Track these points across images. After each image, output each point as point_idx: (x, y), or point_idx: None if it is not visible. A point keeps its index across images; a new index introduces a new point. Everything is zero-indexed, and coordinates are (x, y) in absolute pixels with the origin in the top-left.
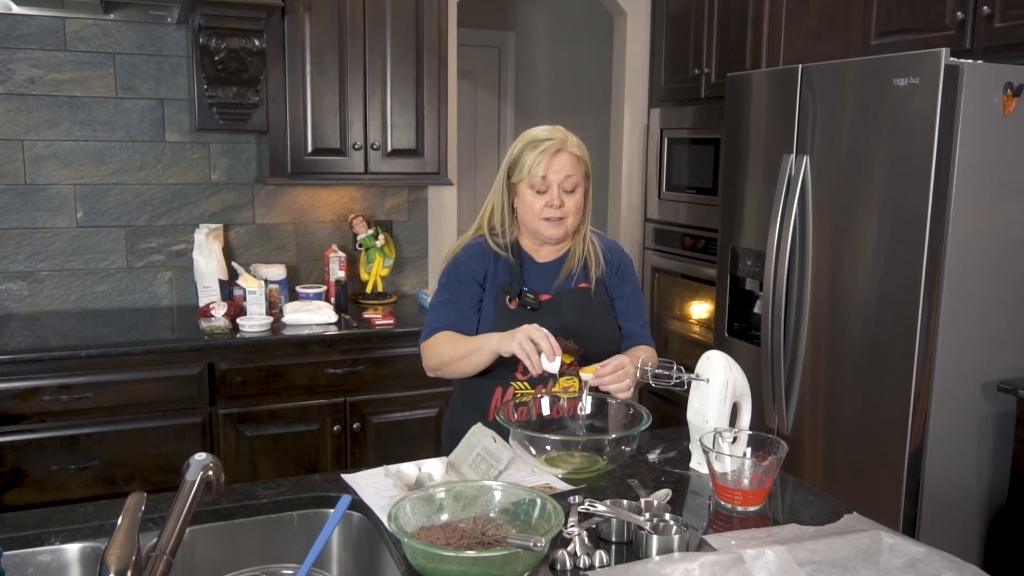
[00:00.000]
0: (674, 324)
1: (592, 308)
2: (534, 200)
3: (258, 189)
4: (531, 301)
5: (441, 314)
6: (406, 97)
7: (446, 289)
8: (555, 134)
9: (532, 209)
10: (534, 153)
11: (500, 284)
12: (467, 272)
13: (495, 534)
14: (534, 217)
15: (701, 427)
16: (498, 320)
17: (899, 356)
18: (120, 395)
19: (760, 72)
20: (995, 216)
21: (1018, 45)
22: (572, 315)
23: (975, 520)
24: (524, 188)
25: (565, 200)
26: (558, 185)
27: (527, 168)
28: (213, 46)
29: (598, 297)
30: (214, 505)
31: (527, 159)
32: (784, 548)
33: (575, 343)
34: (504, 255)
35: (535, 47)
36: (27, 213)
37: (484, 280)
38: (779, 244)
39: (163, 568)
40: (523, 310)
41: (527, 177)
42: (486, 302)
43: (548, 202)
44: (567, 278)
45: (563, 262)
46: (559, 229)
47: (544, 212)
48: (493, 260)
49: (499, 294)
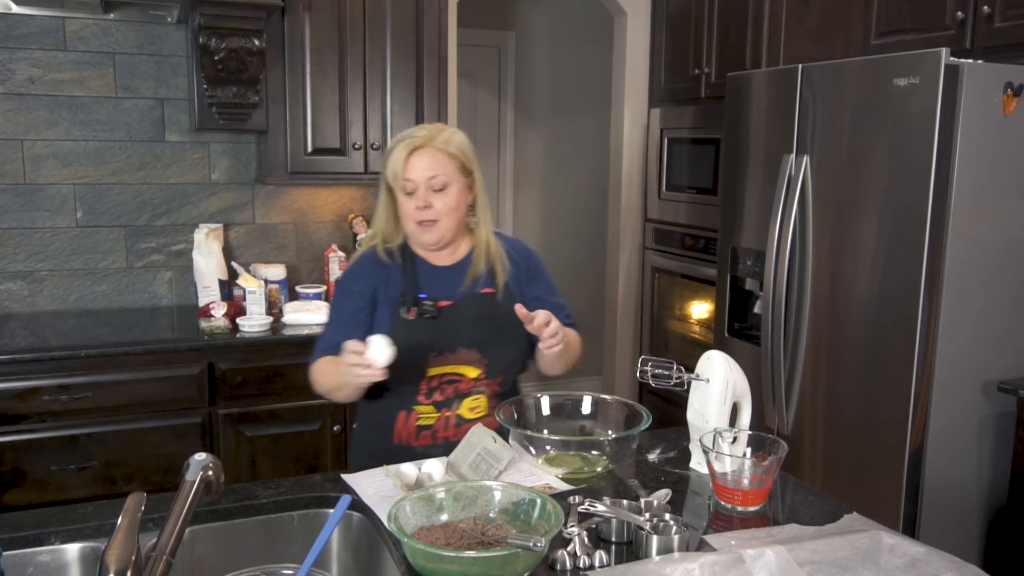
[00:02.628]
0: (674, 324)
1: (498, 315)
2: (404, 202)
3: (258, 189)
4: (429, 309)
5: (327, 336)
6: (406, 97)
7: (334, 308)
8: (420, 131)
9: (403, 212)
10: (397, 152)
11: (395, 294)
12: (355, 289)
13: (495, 534)
14: (408, 221)
15: (701, 427)
16: (396, 333)
17: (899, 356)
18: (120, 395)
19: (760, 72)
20: (995, 216)
21: (1018, 45)
22: (476, 323)
23: (975, 520)
24: (397, 192)
25: (434, 201)
26: (425, 185)
27: (391, 168)
28: (213, 46)
29: (505, 303)
30: (214, 505)
31: (391, 159)
32: (784, 548)
33: (479, 352)
34: (395, 263)
35: (535, 47)
36: (27, 213)
37: (375, 294)
38: (779, 244)
39: (163, 568)
40: (422, 319)
41: (392, 178)
42: (381, 315)
43: (416, 204)
44: (472, 283)
45: (464, 266)
46: (432, 234)
47: (415, 215)
48: (384, 271)
49: (394, 305)
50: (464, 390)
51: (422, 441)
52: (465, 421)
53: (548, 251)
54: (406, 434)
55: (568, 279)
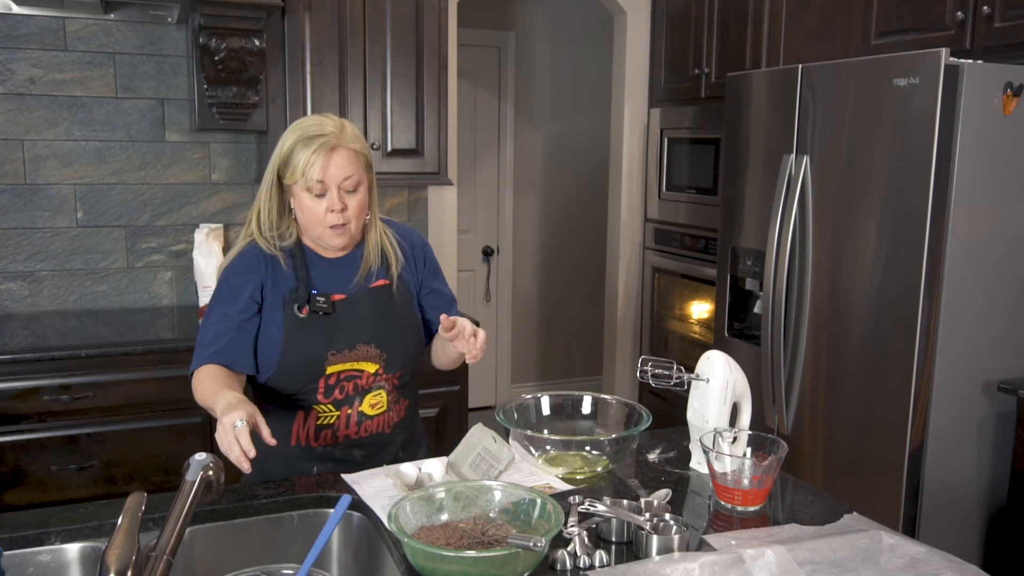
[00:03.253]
0: (674, 324)
1: (394, 307)
2: (313, 204)
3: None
4: (322, 306)
5: (209, 338)
6: (406, 97)
7: (217, 305)
8: (326, 127)
9: (312, 215)
10: (307, 152)
11: (285, 290)
12: (238, 284)
13: (495, 534)
14: (316, 224)
15: (701, 427)
16: (290, 332)
17: (899, 356)
18: (120, 395)
19: (760, 72)
20: (995, 216)
21: (1018, 45)
22: (372, 318)
23: (975, 520)
24: (299, 191)
25: (348, 202)
26: (338, 187)
27: (300, 169)
28: (213, 46)
29: (400, 294)
30: (214, 505)
31: (299, 159)
32: (784, 548)
33: (377, 348)
34: (281, 256)
35: (535, 47)
36: (27, 213)
37: (262, 290)
38: (779, 244)
39: (163, 568)
40: (316, 316)
41: (301, 179)
42: (271, 313)
43: (329, 207)
44: (367, 276)
45: (356, 258)
46: (344, 237)
47: (327, 219)
48: (270, 266)
49: (286, 302)
50: (364, 386)
51: (322, 441)
52: (367, 417)
53: (548, 251)
54: (304, 435)
55: (568, 279)
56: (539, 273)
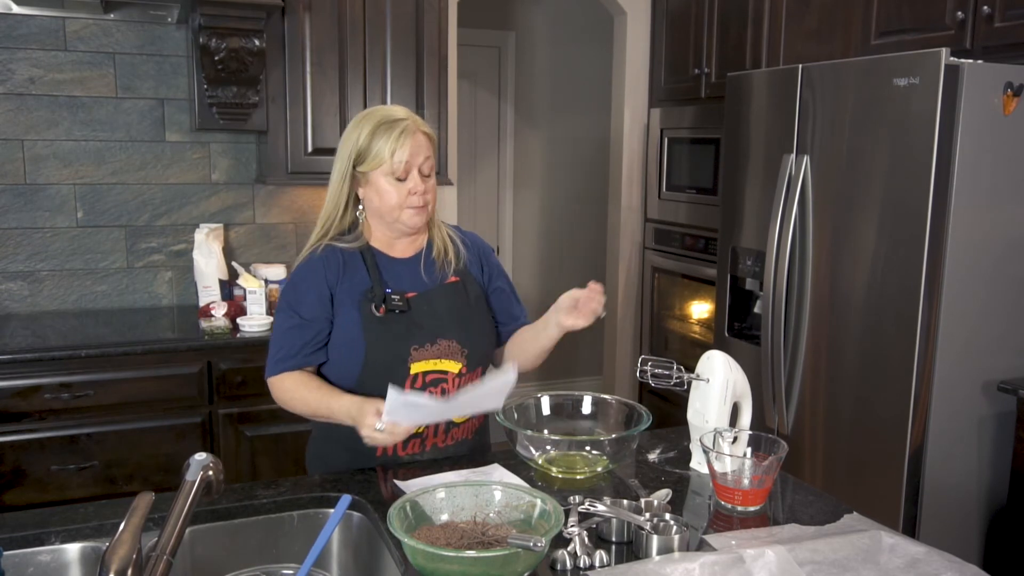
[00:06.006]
0: (674, 324)
1: (468, 303)
2: (393, 188)
3: (258, 189)
4: (398, 303)
5: (290, 343)
6: (406, 97)
7: (293, 311)
8: (398, 112)
9: (392, 199)
10: (390, 136)
11: (358, 292)
12: (313, 289)
13: (495, 534)
14: (395, 208)
15: (701, 427)
16: (370, 331)
17: (899, 356)
18: (120, 395)
19: (760, 72)
20: (995, 216)
21: (1018, 45)
22: (448, 313)
23: (975, 520)
24: (379, 177)
25: (425, 184)
26: (416, 169)
27: (385, 153)
28: (213, 46)
29: (471, 289)
30: (214, 505)
31: (381, 144)
32: (784, 548)
33: (458, 342)
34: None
35: (535, 47)
36: (27, 213)
37: (333, 294)
38: (779, 244)
39: (163, 568)
40: (393, 314)
41: (387, 163)
42: (347, 315)
43: (412, 189)
44: (438, 273)
45: (423, 257)
46: (422, 216)
47: (409, 201)
48: (342, 268)
49: (362, 303)
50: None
51: (410, 450)
52: (455, 425)
53: (548, 251)
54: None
55: (568, 279)
56: (539, 273)
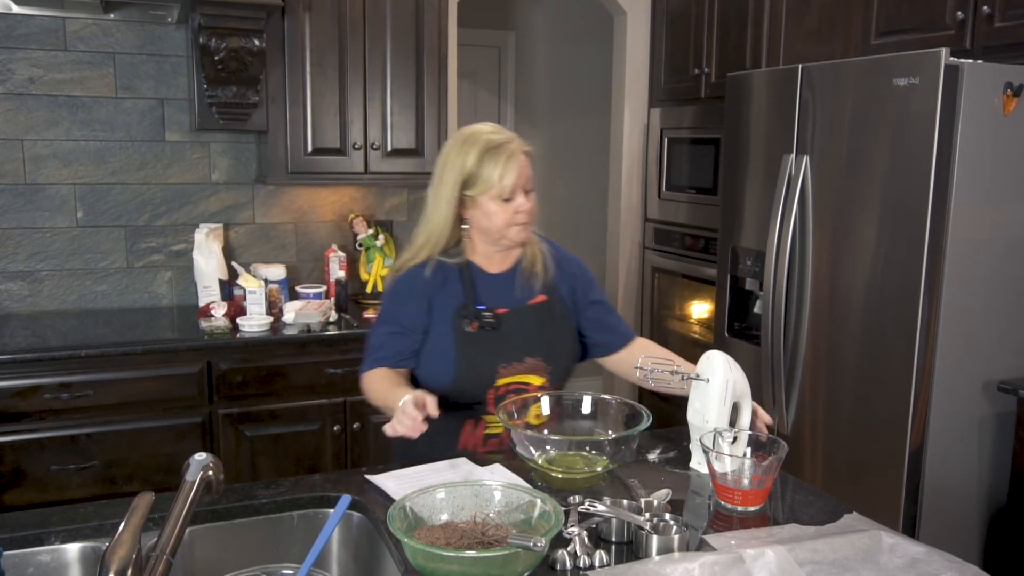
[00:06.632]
0: (674, 324)
1: (555, 321)
2: (500, 209)
3: (258, 189)
4: (489, 320)
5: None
6: (406, 97)
7: (389, 314)
8: (501, 135)
9: (499, 219)
10: (498, 161)
11: (453, 307)
12: (413, 303)
13: (495, 534)
14: (503, 226)
15: (701, 427)
16: (461, 347)
17: (899, 356)
18: (120, 395)
19: (760, 72)
20: (995, 216)
21: (1018, 45)
22: (537, 332)
23: (975, 520)
24: (487, 200)
25: (529, 201)
26: (521, 189)
27: (494, 179)
28: (213, 46)
29: (558, 307)
30: (214, 505)
31: (490, 170)
32: (784, 548)
33: (544, 361)
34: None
35: (535, 47)
36: (27, 213)
37: (430, 306)
38: (779, 244)
39: (163, 568)
40: (484, 331)
41: (496, 186)
42: (441, 329)
43: (517, 208)
44: (527, 291)
45: (515, 272)
46: (527, 231)
47: (515, 219)
48: (440, 284)
49: (455, 319)
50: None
51: (489, 447)
52: (531, 427)
53: None
54: (472, 442)
55: None
56: None
